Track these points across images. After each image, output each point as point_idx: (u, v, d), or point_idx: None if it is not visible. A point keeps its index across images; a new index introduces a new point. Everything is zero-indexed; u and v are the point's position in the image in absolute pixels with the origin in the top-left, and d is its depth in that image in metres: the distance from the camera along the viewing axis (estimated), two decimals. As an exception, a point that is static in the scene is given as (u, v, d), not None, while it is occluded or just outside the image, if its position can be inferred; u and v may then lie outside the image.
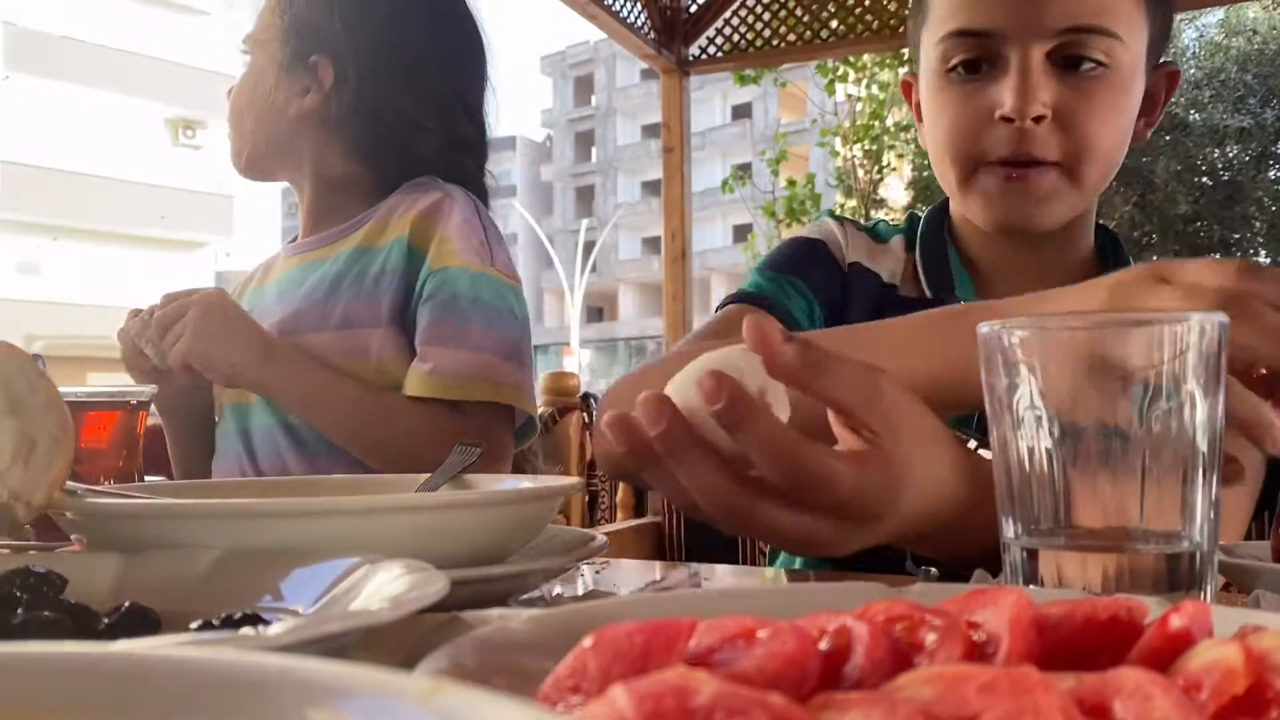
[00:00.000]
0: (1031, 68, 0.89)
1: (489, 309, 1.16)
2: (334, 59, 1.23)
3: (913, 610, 0.31)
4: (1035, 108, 0.89)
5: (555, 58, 38.09)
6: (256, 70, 1.27)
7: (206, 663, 0.21)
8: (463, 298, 1.15)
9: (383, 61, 1.24)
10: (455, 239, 1.17)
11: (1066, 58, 0.90)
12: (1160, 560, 0.46)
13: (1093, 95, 0.90)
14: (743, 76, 6.43)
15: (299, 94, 1.24)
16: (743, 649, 0.29)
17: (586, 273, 26.54)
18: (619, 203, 34.82)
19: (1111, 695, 0.25)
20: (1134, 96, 0.94)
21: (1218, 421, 0.46)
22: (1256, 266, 0.60)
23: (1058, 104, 0.90)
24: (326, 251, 1.25)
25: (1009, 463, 0.48)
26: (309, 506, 0.52)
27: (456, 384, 1.12)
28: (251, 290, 1.34)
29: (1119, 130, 0.94)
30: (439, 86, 1.27)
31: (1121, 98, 0.92)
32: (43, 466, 0.53)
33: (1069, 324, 0.47)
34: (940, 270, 1.03)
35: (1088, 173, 0.92)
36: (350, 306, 1.19)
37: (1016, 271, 1.01)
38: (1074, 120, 0.90)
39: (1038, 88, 0.89)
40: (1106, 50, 0.90)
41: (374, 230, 1.22)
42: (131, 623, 0.41)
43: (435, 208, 1.19)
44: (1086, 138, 0.90)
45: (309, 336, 1.19)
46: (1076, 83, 0.90)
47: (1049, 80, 0.89)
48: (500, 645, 0.34)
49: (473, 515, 0.55)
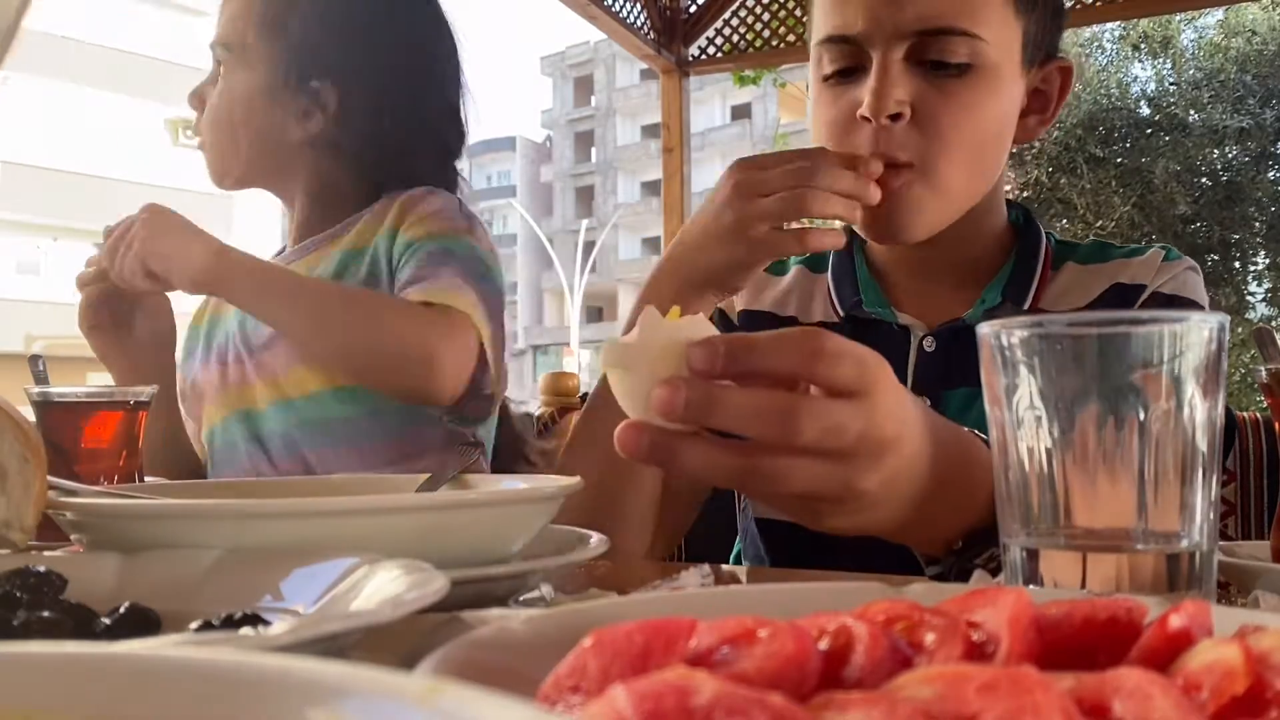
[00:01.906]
0: (889, 68, 0.90)
1: (465, 263, 1.15)
2: (338, 83, 1.22)
3: (913, 610, 0.31)
4: (890, 105, 0.90)
5: (555, 58, 38.09)
6: (241, 86, 1.23)
7: (206, 663, 0.21)
8: (438, 253, 1.15)
9: (387, 82, 1.24)
10: (432, 218, 1.18)
11: (931, 60, 0.91)
12: (1160, 560, 0.46)
13: (953, 94, 0.91)
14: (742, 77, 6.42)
15: (297, 116, 1.22)
16: (743, 649, 0.29)
17: (586, 273, 26.54)
18: (619, 203, 34.83)
19: (1111, 695, 0.25)
20: (1004, 97, 0.94)
21: (1218, 421, 0.46)
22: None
23: (916, 102, 0.90)
24: (315, 258, 1.24)
25: (1009, 463, 0.48)
26: (309, 506, 0.52)
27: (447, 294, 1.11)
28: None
29: (984, 130, 0.93)
30: (434, 99, 1.28)
31: (985, 98, 0.92)
32: (21, 489, 0.53)
33: (1069, 324, 0.47)
34: (848, 284, 1.05)
35: (947, 173, 0.92)
36: None
37: (921, 273, 1.04)
38: (932, 118, 0.91)
39: (894, 86, 0.90)
40: (968, 50, 0.90)
41: (363, 231, 1.22)
42: (131, 623, 0.41)
43: (415, 196, 1.20)
44: (943, 136, 0.91)
45: None
46: (939, 82, 0.91)
47: (907, 80, 0.90)
48: (500, 645, 0.34)
49: (473, 515, 0.55)
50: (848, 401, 0.54)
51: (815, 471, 0.54)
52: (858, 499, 0.57)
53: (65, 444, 0.82)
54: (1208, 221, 8.65)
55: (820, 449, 0.54)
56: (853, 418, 0.54)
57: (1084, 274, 1.02)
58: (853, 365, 0.55)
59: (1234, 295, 8.66)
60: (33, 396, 0.83)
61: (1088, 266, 1.02)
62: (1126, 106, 8.78)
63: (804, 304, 1.09)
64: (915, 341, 1.01)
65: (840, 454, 0.54)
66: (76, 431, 0.83)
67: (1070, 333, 0.46)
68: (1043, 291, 1.00)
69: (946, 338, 1.00)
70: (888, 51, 0.91)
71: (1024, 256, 1.02)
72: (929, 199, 0.93)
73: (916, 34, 0.90)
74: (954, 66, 0.90)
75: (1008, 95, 0.95)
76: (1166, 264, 1.00)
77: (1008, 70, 0.93)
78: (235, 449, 1.23)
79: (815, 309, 1.08)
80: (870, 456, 0.55)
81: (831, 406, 0.54)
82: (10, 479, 0.53)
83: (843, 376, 0.54)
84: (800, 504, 0.58)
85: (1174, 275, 0.99)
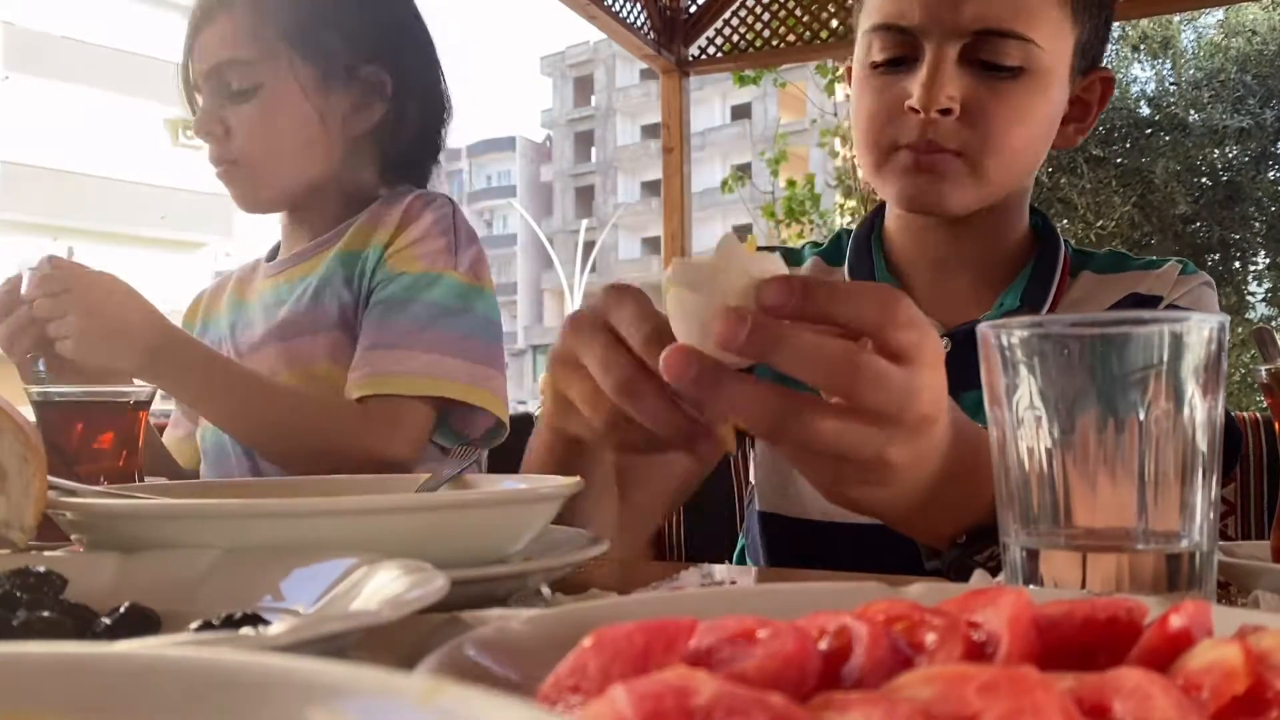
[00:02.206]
0: (943, 64, 0.90)
1: (433, 308, 1.13)
2: (389, 65, 1.19)
3: (913, 610, 0.31)
4: (941, 100, 0.90)
5: (555, 58, 38.08)
6: (276, 99, 1.17)
7: (206, 663, 0.21)
8: (397, 304, 1.13)
9: (421, 61, 1.23)
10: (415, 245, 1.16)
11: (983, 59, 0.91)
12: (1160, 560, 0.46)
13: (1004, 95, 0.91)
14: (742, 77, 6.43)
15: (352, 109, 1.20)
16: (743, 649, 0.29)
17: (586, 273, 26.53)
18: (619, 203, 34.83)
19: (1111, 695, 0.25)
20: (1053, 102, 0.94)
21: (1218, 422, 0.46)
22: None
23: (966, 99, 0.90)
24: (315, 261, 1.22)
25: (1009, 463, 0.48)
26: (309, 507, 0.52)
27: (388, 380, 1.10)
28: (230, 303, 1.30)
29: (1030, 132, 0.94)
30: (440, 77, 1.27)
31: (1036, 101, 0.92)
32: (21, 489, 0.53)
33: (1069, 324, 0.47)
34: (864, 274, 1.04)
35: (990, 166, 0.92)
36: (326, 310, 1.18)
37: (940, 272, 1.03)
38: (982, 116, 0.91)
39: (946, 82, 0.90)
40: (1022, 54, 0.90)
41: (359, 235, 1.20)
42: (131, 623, 0.41)
43: (413, 210, 1.18)
44: (991, 133, 0.91)
45: (302, 341, 1.18)
46: (990, 82, 0.91)
47: (959, 77, 0.90)
48: (500, 645, 0.34)
49: (473, 515, 0.55)
50: (903, 368, 0.54)
51: (855, 433, 0.54)
52: (884, 470, 0.57)
53: (65, 444, 0.82)
54: (1208, 221, 8.65)
55: (869, 410, 0.54)
56: (904, 386, 0.54)
57: (1101, 283, 1.01)
58: (918, 334, 0.55)
59: (1234, 295, 8.66)
60: (33, 396, 0.83)
61: (1105, 276, 1.02)
62: (1126, 106, 8.78)
63: None
64: None
65: (883, 420, 0.54)
66: (76, 431, 0.83)
67: (1070, 333, 0.46)
68: (1060, 298, 1.00)
69: (962, 340, 0.99)
70: (942, 47, 0.90)
71: (1043, 261, 1.01)
72: (970, 182, 0.93)
73: (973, 33, 0.90)
74: (1006, 69, 0.90)
75: (1054, 102, 0.95)
76: (1184, 278, 1.00)
77: (1058, 76, 0.93)
78: (225, 452, 1.22)
79: None
80: (908, 429, 0.56)
81: (891, 370, 0.53)
82: (10, 479, 0.53)
83: (907, 342, 0.54)
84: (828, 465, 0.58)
85: (1190, 290, 0.99)
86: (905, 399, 0.54)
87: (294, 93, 1.17)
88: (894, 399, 0.54)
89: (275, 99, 1.17)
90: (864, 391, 0.53)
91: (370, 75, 1.20)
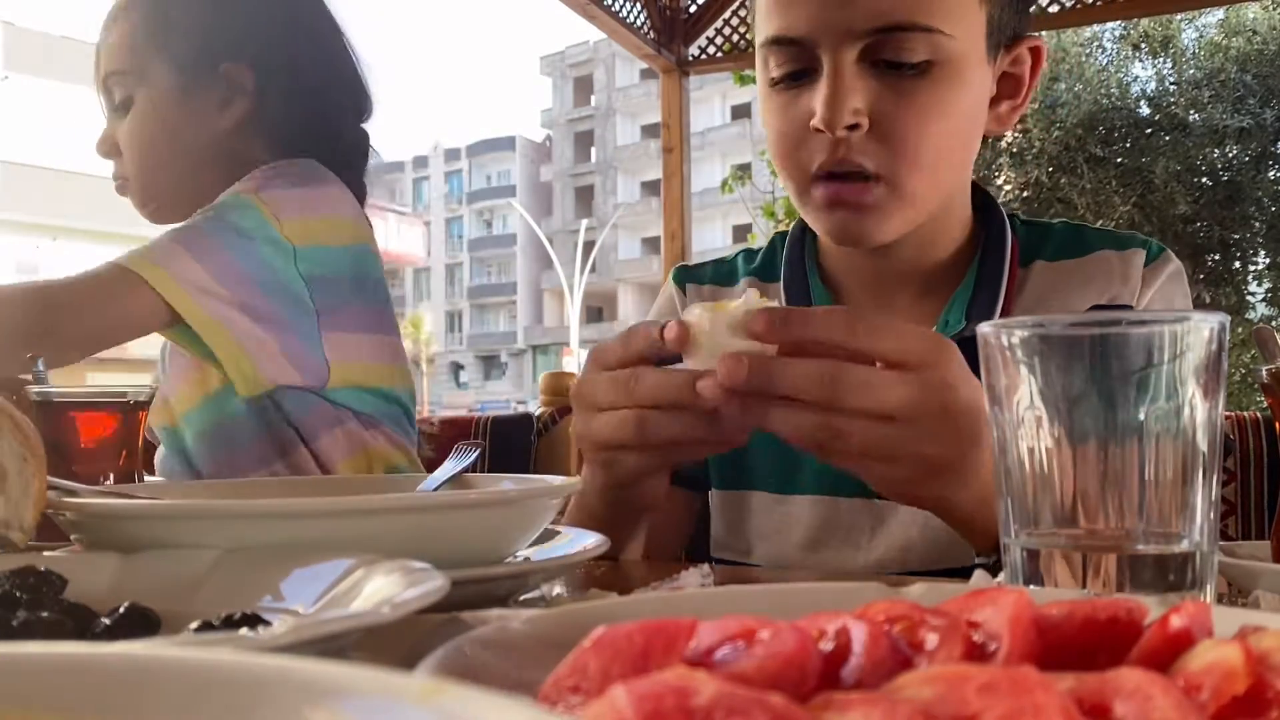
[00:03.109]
0: (841, 74, 0.82)
1: (193, 230, 1.08)
2: (249, 60, 1.19)
3: (913, 610, 0.31)
4: (845, 116, 0.82)
5: (555, 58, 38.09)
6: (151, 101, 1.19)
7: (206, 663, 0.21)
8: (208, 215, 1.09)
9: (297, 46, 1.21)
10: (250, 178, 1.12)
11: (887, 60, 0.83)
12: (1160, 560, 0.46)
13: (915, 96, 0.83)
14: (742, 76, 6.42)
15: (219, 106, 1.19)
16: (743, 649, 0.29)
17: (586, 273, 26.54)
18: (618, 203, 34.83)
19: (1111, 695, 0.25)
20: (972, 90, 0.86)
21: (1219, 421, 0.46)
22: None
23: (874, 109, 0.83)
24: None
25: (1009, 463, 0.48)
26: (309, 507, 0.52)
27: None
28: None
29: (950, 129, 0.86)
30: (344, 59, 1.25)
31: (952, 94, 0.84)
32: (21, 488, 0.53)
33: (1069, 324, 0.47)
34: (799, 296, 0.98)
35: (912, 185, 0.85)
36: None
37: (877, 285, 0.97)
38: (894, 126, 0.83)
39: (849, 94, 0.82)
40: (928, 47, 0.82)
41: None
42: (131, 623, 0.41)
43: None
44: (907, 146, 0.84)
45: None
46: (897, 84, 0.83)
47: (863, 85, 0.83)
48: (500, 645, 0.34)
49: (473, 515, 0.55)
50: (895, 372, 0.61)
51: (874, 433, 0.61)
52: (923, 465, 0.63)
53: (65, 444, 0.82)
54: (1208, 221, 8.64)
55: (867, 411, 0.61)
56: (896, 385, 0.61)
57: (1058, 274, 0.94)
58: (894, 339, 0.62)
59: (1234, 295, 8.65)
60: (33, 396, 0.83)
61: (1061, 264, 0.95)
62: (1126, 106, 8.77)
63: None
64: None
65: (896, 419, 0.61)
66: (76, 431, 0.83)
67: (1070, 333, 0.46)
68: (1012, 300, 0.92)
69: None
70: (839, 54, 0.82)
71: (988, 263, 0.93)
72: (895, 207, 0.86)
73: (870, 33, 0.82)
74: (912, 66, 0.83)
75: (975, 89, 0.87)
76: (1151, 269, 0.93)
77: (973, 62, 0.86)
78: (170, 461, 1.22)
79: None
80: (932, 423, 0.62)
81: (871, 373, 0.61)
82: (10, 479, 0.53)
83: (885, 349, 0.62)
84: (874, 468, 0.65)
85: (1159, 287, 0.92)
86: (900, 396, 0.61)
87: (154, 102, 1.19)
88: (886, 398, 0.61)
89: (141, 110, 1.19)
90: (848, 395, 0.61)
91: (231, 73, 1.19)
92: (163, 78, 1.19)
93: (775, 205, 9.28)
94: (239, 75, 1.19)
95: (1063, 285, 0.94)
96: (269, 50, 1.20)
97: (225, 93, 1.19)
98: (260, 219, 1.09)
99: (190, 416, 1.17)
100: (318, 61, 1.23)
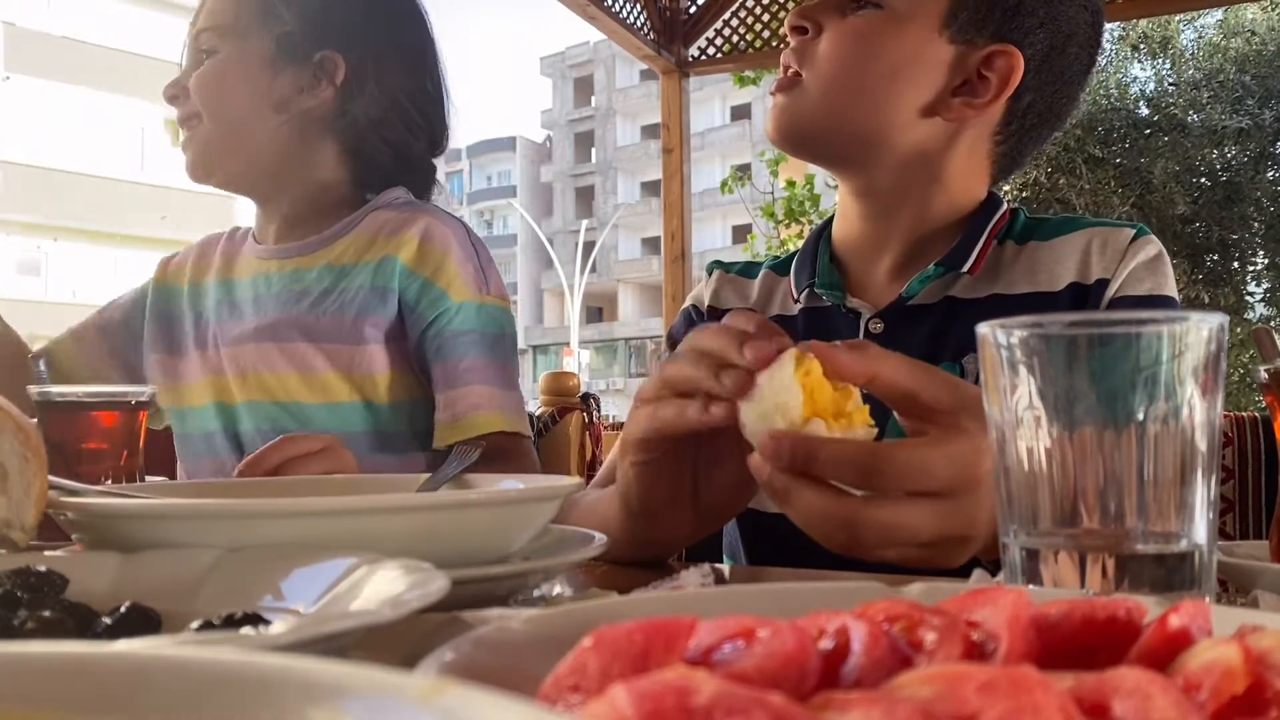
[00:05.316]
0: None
1: (485, 338, 1.18)
2: (344, 51, 1.20)
3: (912, 610, 0.31)
4: (794, 19, 1.01)
5: (555, 58, 38.09)
6: (231, 63, 1.20)
7: (206, 663, 0.21)
8: (472, 332, 1.17)
9: (393, 57, 1.23)
10: (461, 272, 1.18)
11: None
12: (1160, 560, 0.46)
13: (853, 21, 0.98)
14: (742, 77, 6.42)
15: (297, 91, 1.20)
16: (743, 649, 0.29)
17: (586, 273, 26.54)
18: (619, 203, 34.83)
19: (1111, 695, 0.25)
20: (903, 43, 0.97)
21: (1217, 421, 0.46)
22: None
23: (825, 25, 0.99)
24: (309, 260, 1.22)
25: (1009, 463, 0.48)
26: (309, 506, 0.52)
27: (473, 421, 1.15)
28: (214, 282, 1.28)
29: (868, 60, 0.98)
30: (427, 83, 1.27)
31: (884, 36, 0.97)
32: (22, 488, 0.53)
33: (1068, 324, 0.47)
34: (808, 268, 1.08)
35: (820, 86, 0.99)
36: (331, 322, 1.17)
37: (873, 251, 1.06)
38: (827, 36, 0.99)
39: (808, 8, 1.00)
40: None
41: (356, 244, 1.20)
42: (131, 623, 0.41)
43: (432, 234, 1.18)
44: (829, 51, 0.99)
45: (291, 345, 1.17)
46: (847, 12, 0.99)
47: (824, 7, 1.00)
48: (500, 645, 0.34)
49: (473, 515, 0.55)
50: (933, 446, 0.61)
51: (907, 513, 0.60)
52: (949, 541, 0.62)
53: (65, 444, 0.82)
54: (1206, 222, 8.64)
55: (913, 489, 0.60)
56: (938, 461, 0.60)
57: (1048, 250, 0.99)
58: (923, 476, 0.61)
59: (1233, 295, 8.65)
60: (33, 396, 0.83)
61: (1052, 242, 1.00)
62: (1126, 107, 8.78)
63: (764, 301, 1.13)
64: (863, 324, 1.02)
65: (938, 494, 0.61)
66: (76, 431, 0.83)
67: (1070, 333, 0.46)
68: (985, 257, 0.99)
69: (893, 318, 1.01)
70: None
71: (973, 230, 1.00)
72: (799, 104, 1.00)
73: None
74: (867, 4, 0.98)
75: (909, 45, 0.98)
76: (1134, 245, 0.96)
77: (918, 24, 0.97)
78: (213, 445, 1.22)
79: (774, 304, 1.12)
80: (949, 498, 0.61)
81: (898, 453, 0.60)
82: (11, 479, 0.53)
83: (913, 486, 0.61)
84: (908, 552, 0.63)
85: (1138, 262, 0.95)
86: (923, 473, 0.60)
87: (244, 62, 1.20)
88: (910, 477, 0.60)
89: (225, 63, 1.21)
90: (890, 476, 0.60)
91: (324, 60, 1.21)
92: (260, 43, 1.20)
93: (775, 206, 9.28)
94: (333, 65, 1.21)
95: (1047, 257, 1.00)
96: (368, 50, 1.22)
97: (314, 77, 1.21)
98: (506, 315, 1.23)
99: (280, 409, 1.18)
100: (410, 77, 1.25)
